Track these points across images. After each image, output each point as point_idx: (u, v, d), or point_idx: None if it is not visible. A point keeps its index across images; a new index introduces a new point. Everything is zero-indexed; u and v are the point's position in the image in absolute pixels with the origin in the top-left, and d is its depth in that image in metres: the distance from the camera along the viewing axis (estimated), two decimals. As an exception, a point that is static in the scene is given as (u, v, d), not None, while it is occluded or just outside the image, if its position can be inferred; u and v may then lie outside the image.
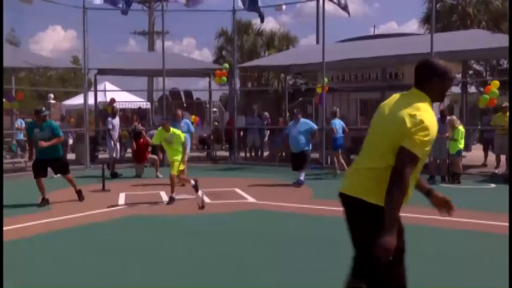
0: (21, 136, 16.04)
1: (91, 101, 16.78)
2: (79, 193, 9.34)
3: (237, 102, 17.03)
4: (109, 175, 12.28)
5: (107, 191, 10.45)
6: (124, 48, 46.48)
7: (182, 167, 9.40)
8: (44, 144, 8.76)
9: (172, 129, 9.23)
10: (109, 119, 13.29)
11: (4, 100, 13.77)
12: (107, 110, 14.93)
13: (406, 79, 17.04)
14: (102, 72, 18.09)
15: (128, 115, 17.78)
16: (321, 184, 11.54)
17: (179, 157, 9.12)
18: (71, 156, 16.85)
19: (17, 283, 4.76)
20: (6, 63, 14.12)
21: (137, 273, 5.06)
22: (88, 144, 14.91)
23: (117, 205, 8.95)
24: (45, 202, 8.99)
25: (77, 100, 20.88)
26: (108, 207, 8.71)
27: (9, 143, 15.34)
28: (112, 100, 15.52)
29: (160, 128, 9.52)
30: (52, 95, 19.88)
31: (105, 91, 18.75)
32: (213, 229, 7.11)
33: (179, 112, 11.61)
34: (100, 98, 18.09)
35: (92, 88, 17.39)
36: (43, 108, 9.49)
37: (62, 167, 9.34)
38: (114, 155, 13.04)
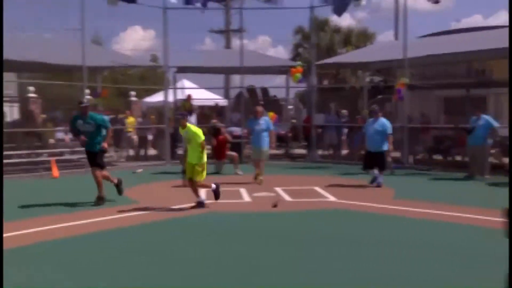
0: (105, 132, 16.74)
1: (170, 98, 17.21)
2: (118, 185, 9.07)
3: (314, 100, 16.84)
4: (183, 171, 12.45)
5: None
6: (200, 47, 47.35)
7: (203, 176, 8.42)
8: (105, 145, 8.76)
9: (188, 125, 8.42)
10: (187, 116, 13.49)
11: (90, 96, 14.38)
12: (185, 106, 15.22)
13: (494, 75, 16.15)
14: (181, 70, 18.52)
15: (205, 112, 18.07)
16: (403, 184, 11.16)
17: (200, 161, 8.29)
18: (152, 152, 17.41)
19: (108, 277, 4.92)
20: (94, 62, 14.86)
21: (228, 267, 5.08)
22: (168, 141, 15.31)
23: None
24: (100, 200, 8.67)
25: (157, 97, 21.50)
26: (190, 202, 8.85)
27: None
28: (189, 97, 15.76)
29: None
30: (133, 93, 20.53)
31: (183, 88, 19.13)
32: (295, 229, 7.02)
33: (259, 109, 11.50)
34: (180, 95, 18.51)
35: (172, 86, 17.82)
36: (85, 100, 9.16)
37: (98, 162, 8.89)
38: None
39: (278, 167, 13.87)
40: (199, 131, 8.36)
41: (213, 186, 8.53)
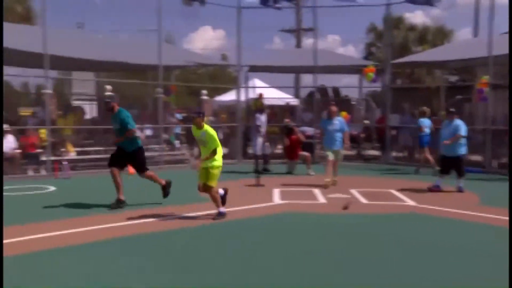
0: (179, 130, 17.07)
1: (242, 97, 17.27)
2: (164, 188, 8.52)
3: (389, 100, 16.33)
4: (258, 170, 12.44)
5: (261, 186, 10.59)
6: (269, 46, 47.50)
7: (214, 182, 7.35)
8: (119, 139, 8.33)
9: (205, 126, 7.29)
10: (257, 115, 13.46)
11: (162, 95, 14.66)
12: (256, 105, 15.19)
13: None
14: (253, 69, 18.55)
15: (276, 112, 17.99)
16: (488, 190, 10.55)
17: (216, 163, 7.30)
18: (224, 150, 17.53)
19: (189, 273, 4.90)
20: (168, 61, 15.16)
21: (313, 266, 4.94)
22: (240, 140, 15.36)
23: (273, 201, 8.99)
24: (118, 203, 8.17)
25: (228, 96, 21.69)
26: (265, 202, 8.79)
27: (168, 136, 16.35)
28: (261, 95, 15.73)
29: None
30: (205, 92, 20.81)
31: (255, 87, 19.15)
32: (370, 230, 6.77)
33: (334, 108, 11.19)
34: (251, 94, 18.56)
35: (244, 85, 17.88)
36: (109, 97, 8.72)
37: (135, 164, 8.47)
38: (261, 151, 13.10)
39: (350, 168, 13.55)
40: (215, 135, 7.29)
41: (221, 191, 7.66)
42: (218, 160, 7.31)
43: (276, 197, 9.41)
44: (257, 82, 21.37)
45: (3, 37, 7.51)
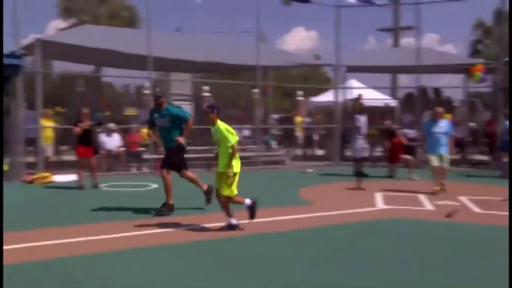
0: (275, 131, 17.05)
1: (340, 98, 16.90)
2: (207, 193, 7.87)
3: (500, 101, 15.20)
4: (360, 173, 12.03)
5: (362, 190, 10.22)
6: (363, 46, 46.39)
7: (233, 190, 6.41)
8: (180, 140, 7.68)
9: (218, 123, 6.42)
10: (357, 116, 13.02)
11: (257, 95, 14.64)
12: (355, 106, 14.75)
13: None
14: (351, 69, 18.14)
15: (375, 113, 17.39)
16: None
17: (227, 170, 6.31)
18: (319, 152, 17.28)
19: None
20: (265, 62, 15.14)
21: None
22: (338, 142, 15.01)
23: (376, 206, 8.61)
24: (165, 209, 7.66)
25: (322, 97, 21.37)
26: (368, 206, 8.44)
27: (265, 137, 16.33)
28: (360, 96, 15.27)
29: None
30: (301, 92, 20.68)
31: (352, 88, 18.69)
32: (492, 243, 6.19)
33: (440, 110, 10.43)
34: (348, 95, 18.14)
35: (341, 85, 17.51)
36: (161, 92, 8.19)
37: (172, 163, 7.81)
38: (361, 154, 12.64)
39: (456, 174, 12.71)
40: (231, 131, 6.36)
41: (248, 201, 6.56)
42: (233, 166, 6.32)
43: (379, 201, 9.00)
44: (354, 82, 20.87)
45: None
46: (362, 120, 12.90)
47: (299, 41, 55.23)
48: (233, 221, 6.49)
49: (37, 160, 12.30)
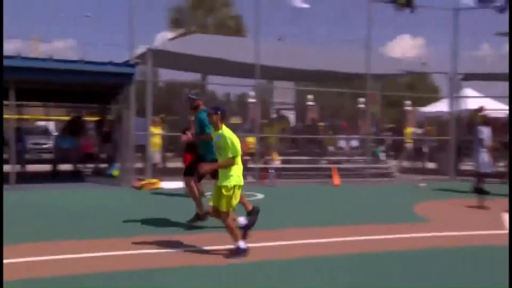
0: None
1: (454, 108, 15.78)
2: (250, 213, 6.74)
3: None
4: (477, 190, 10.97)
5: (486, 209, 9.25)
6: (475, 52, 43.57)
7: (232, 206, 5.62)
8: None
9: (224, 128, 5.67)
10: (480, 127, 11.92)
11: (364, 105, 14.02)
12: (476, 118, 13.65)
13: None
14: (466, 77, 16.87)
15: (496, 125, 15.98)
16: None
17: (228, 184, 5.57)
18: (429, 165, 16.21)
19: None
20: (377, 70, 14.50)
21: None
22: (453, 155, 13.95)
23: (505, 228, 7.67)
24: (196, 218, 7.31)
25: (433, 107, 20.17)
26: (493, 229, 7.54)
27: (373, 148, 15.58)
28: (481, 108, 14.20)
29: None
30: (409, 102, 19.69)
31: (467, 97, 17.38)
32: None
33: None
34: (463, 105, 16.90)
35: (456, 94, 16.33)
36: (196, 94, 7.55)
37: (189, 169, 7.43)
38: (485, 168, 11.52)
39: None
40: (235, 142, 5.54)
41: (242, 221, 5.99)
42: (235, 178, 5.59)
43: (506, 223, 8.04)
44: (468, 91, 19.46)
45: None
46: (485, 132, 11.79)
47: (404, 49, 53.31)
48: (242, 244, 5.57)
49: (145, 166, 12.58)
